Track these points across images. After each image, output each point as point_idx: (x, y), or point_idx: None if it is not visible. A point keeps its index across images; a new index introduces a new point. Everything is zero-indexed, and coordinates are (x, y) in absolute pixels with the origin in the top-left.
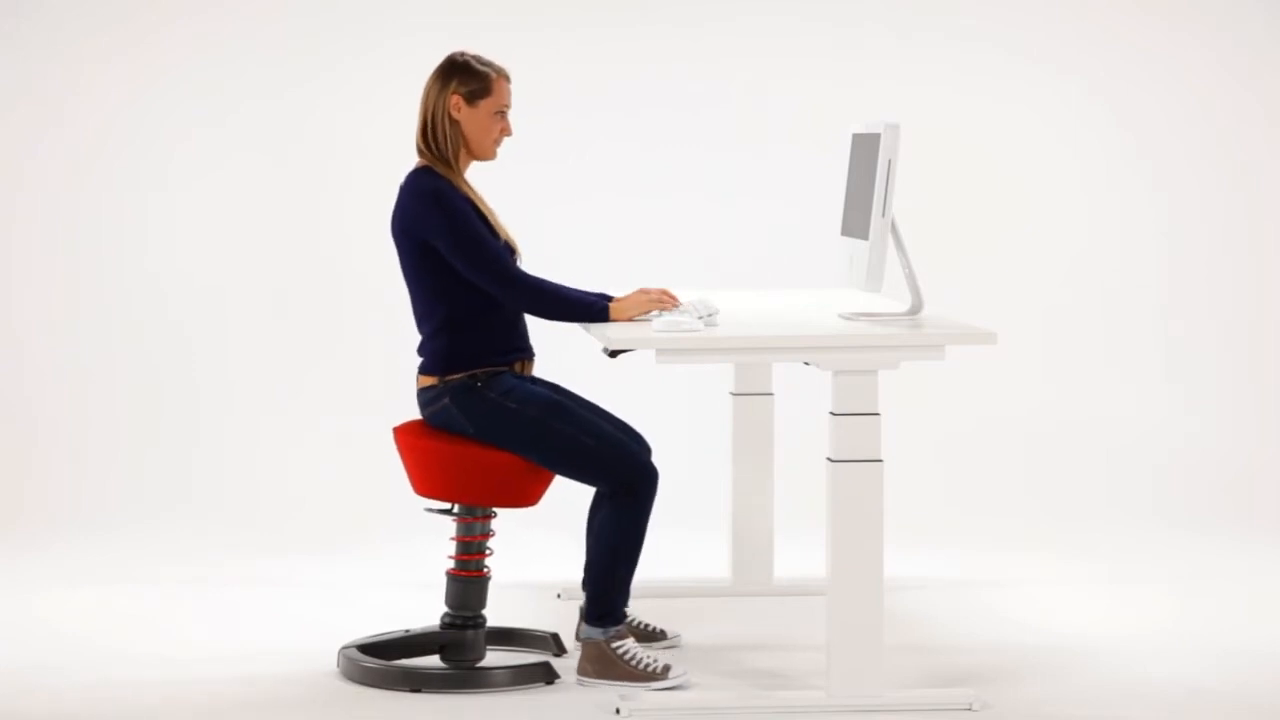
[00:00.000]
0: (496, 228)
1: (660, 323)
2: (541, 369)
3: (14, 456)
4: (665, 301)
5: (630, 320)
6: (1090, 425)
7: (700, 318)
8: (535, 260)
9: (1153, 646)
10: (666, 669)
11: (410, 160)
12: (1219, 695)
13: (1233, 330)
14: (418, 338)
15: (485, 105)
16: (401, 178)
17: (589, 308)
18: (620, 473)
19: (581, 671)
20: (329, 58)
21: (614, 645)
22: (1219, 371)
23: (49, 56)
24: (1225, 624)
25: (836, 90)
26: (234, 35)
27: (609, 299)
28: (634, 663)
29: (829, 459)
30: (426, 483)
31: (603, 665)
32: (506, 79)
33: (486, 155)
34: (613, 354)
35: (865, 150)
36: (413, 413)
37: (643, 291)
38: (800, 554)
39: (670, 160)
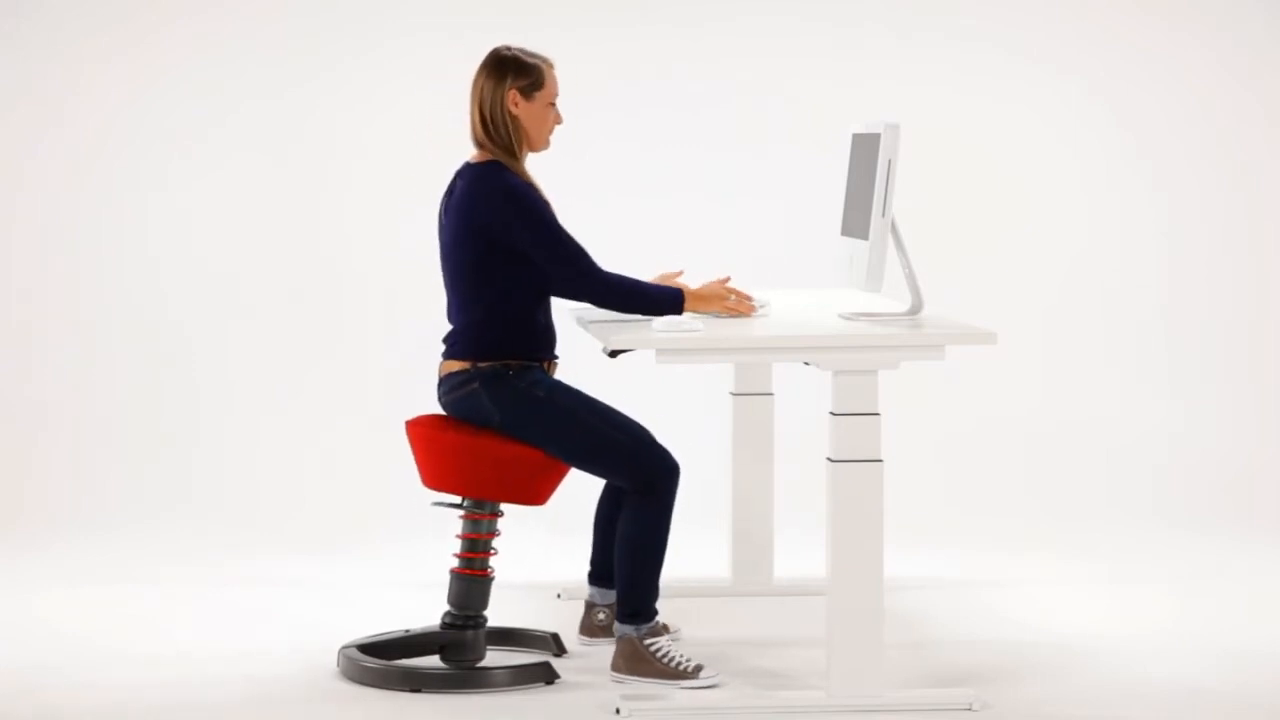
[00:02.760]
0: None
1: (660, 322)
2: None
3: (14, 456)
4: (740, 309)
5: (707, 311)
6: (1090, 425)
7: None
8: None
9: (1153, 646)
10: (699, 669)
11: (408, 160)
12: (1219, 695)
13: (1233, 330)
14: (419, 337)
15: (540, 98)
16: (403, 177)
17: (666, 301)
18: (642, 468)
19: (615, 668)
20: (329, 58)
21: (647, 642)
22: (1219, 371)
23: (49, 56)
24: (1225, 624)
25: (836, 90)
26: (234, 35)
27: (680, 292)
28: (666, 660)
29: (829, 459)
30: (437, 475)
31: (635, 662)
32: (553, 68)
33: (542, 146)
34: (613, 354)
35: (865, 150)
36: (415, 411)
37: (724, 286)
38: (800, 554)
39: (670, 160)
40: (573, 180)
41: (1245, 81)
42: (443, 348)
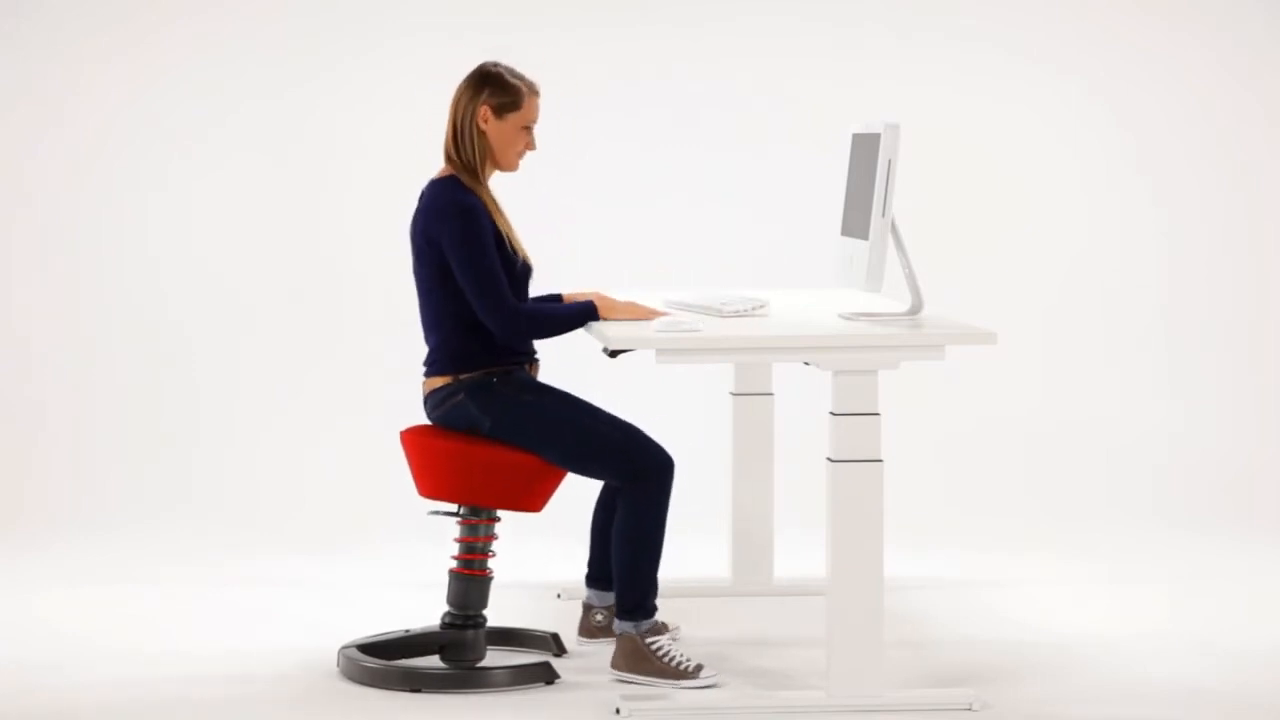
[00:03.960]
0: (515, 244)
1: (660, 323)
2: (544, 370)
3: (15, 456)
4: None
5: (619, 319)
6: (1090, 425)
7: (741, 313)
8: (534, 263)
9: (1153, 646)
10: (699, 669)
11: (408, 160)
12: (1219, 695)
13: (1233, 330)
14: (419, 336)
15: (513, 119)
16: (403, 177)
17: (580, 315)
18: (634, 462)
19: (615, 665)
20: (329, 58)
21: (649, 641)
22: (1219, 371)
23: (49, 56)
24: (1225, 624)
25: (836, 90)
26: (234, 35)
27: (591, 303)
28: (667, 660)
29: (829, 459)
30: (432, 484)
31: (635, 660)
32: (536, 94)
33: (508, 167)
34: (613, 354)
35: (865, 150)
36: (414, 412)
37: (639, 308)
38: (800, 554)
39: (670, 161)
40: (572, 181)
41: (1245, 81)
42: (423, 368)
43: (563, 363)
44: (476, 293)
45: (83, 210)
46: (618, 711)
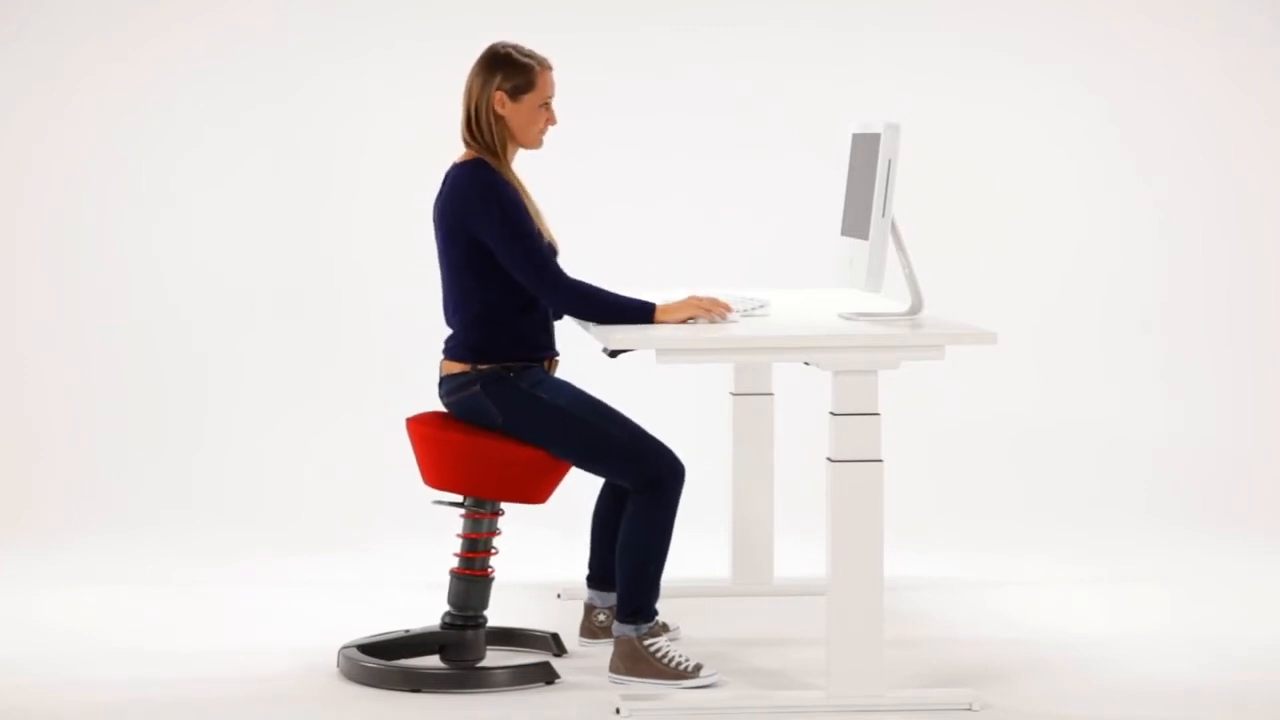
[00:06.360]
0: (541, 224)
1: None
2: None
3: (16, 457)
4: (715, 310)
5: (678, 324)
6: (1089, 425)
7: (745, 312)
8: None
9: (1152, 646)
10: (698, 668)
11: (409, 164)
12: (1219, 695)
13: (1231, 330)
14: (420, 338)
15: (529, 99)
16: (404, 180)
17: (634, 311)
18: (647, 467)
19: (613, 669)
20: (333, 59)
21: (646, 643)
22: (1218, 371)
23: (51, 58)
24: (1225, 624)
25: (836, 90)
26: (235, 38)
27: (652, 304)
28: (665, 660)
29: (829, 459)
30: (438, 474)
31: (634, 662)
32: (549, 69)
33: (532, 145)
34: (613, 354)
35: (865, 150)
36: (416, 410)
37: (693, 297)
38: (800, 554)
39: (670, 161)
40: (573, 184)
41: (1244, 83)
42: (442, 347)
43: (562, 361)
44: (527, 272)
45: (86, 210)
46: (618, 711)
